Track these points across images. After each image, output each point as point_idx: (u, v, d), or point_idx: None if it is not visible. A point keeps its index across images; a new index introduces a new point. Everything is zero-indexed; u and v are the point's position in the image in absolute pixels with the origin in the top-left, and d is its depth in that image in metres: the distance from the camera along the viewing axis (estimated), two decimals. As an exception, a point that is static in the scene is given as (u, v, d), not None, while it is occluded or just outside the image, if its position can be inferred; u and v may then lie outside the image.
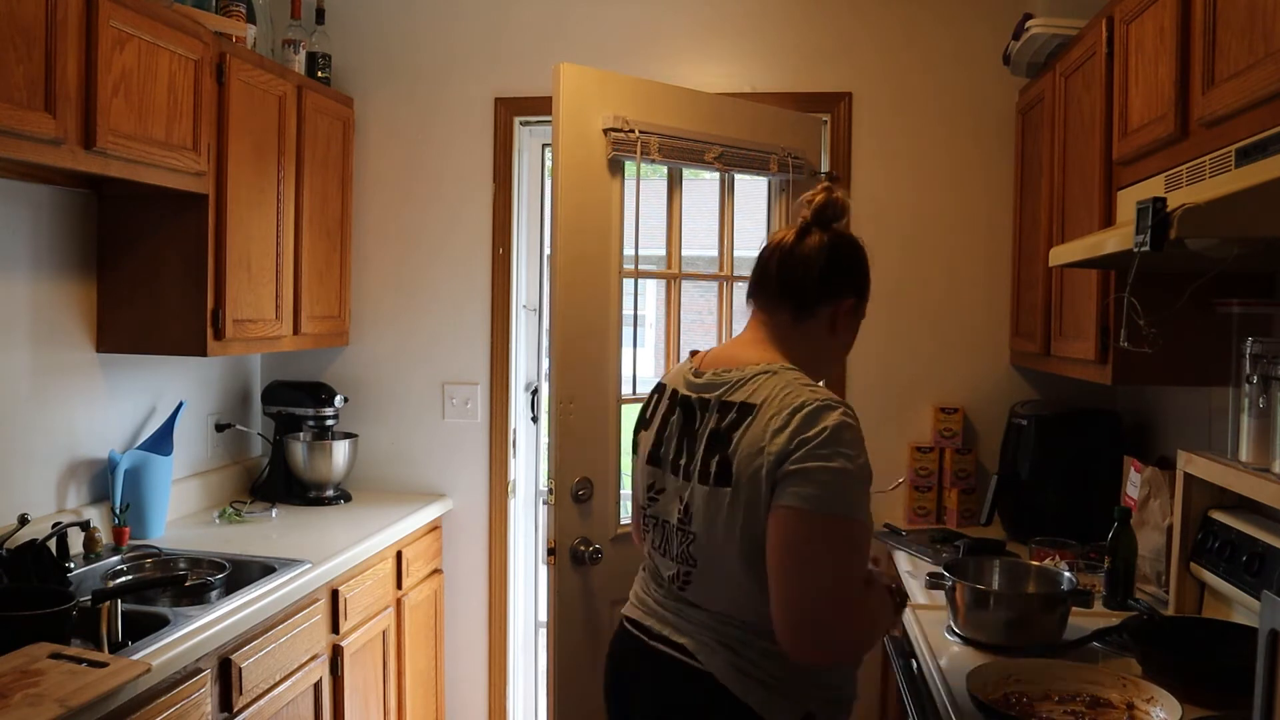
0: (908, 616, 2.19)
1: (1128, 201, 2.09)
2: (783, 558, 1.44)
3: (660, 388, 1.74)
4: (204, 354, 2.63)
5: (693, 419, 1.61)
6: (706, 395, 1.61)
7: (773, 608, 1.45)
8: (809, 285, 1.62)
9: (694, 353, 1.76)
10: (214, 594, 2.34)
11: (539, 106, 3.24)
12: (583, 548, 2.56)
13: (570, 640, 2.57)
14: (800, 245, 1.63)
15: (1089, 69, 2.37)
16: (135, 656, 1.83)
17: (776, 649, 1.49)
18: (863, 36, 3.24)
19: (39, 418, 2.49)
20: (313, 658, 2.52)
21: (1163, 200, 1.46)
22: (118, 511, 2.59)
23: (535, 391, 3.56)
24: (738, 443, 1.51)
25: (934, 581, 2.08)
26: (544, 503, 2.98)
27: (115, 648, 1.95)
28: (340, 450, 3.26)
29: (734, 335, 3.00)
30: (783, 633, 1.45)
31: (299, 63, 3.15)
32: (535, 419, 3.56)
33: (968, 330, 3.22)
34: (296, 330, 3.06)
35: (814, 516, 1.43)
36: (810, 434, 1.44)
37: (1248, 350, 1.85)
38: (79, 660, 1.73)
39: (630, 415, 2.77)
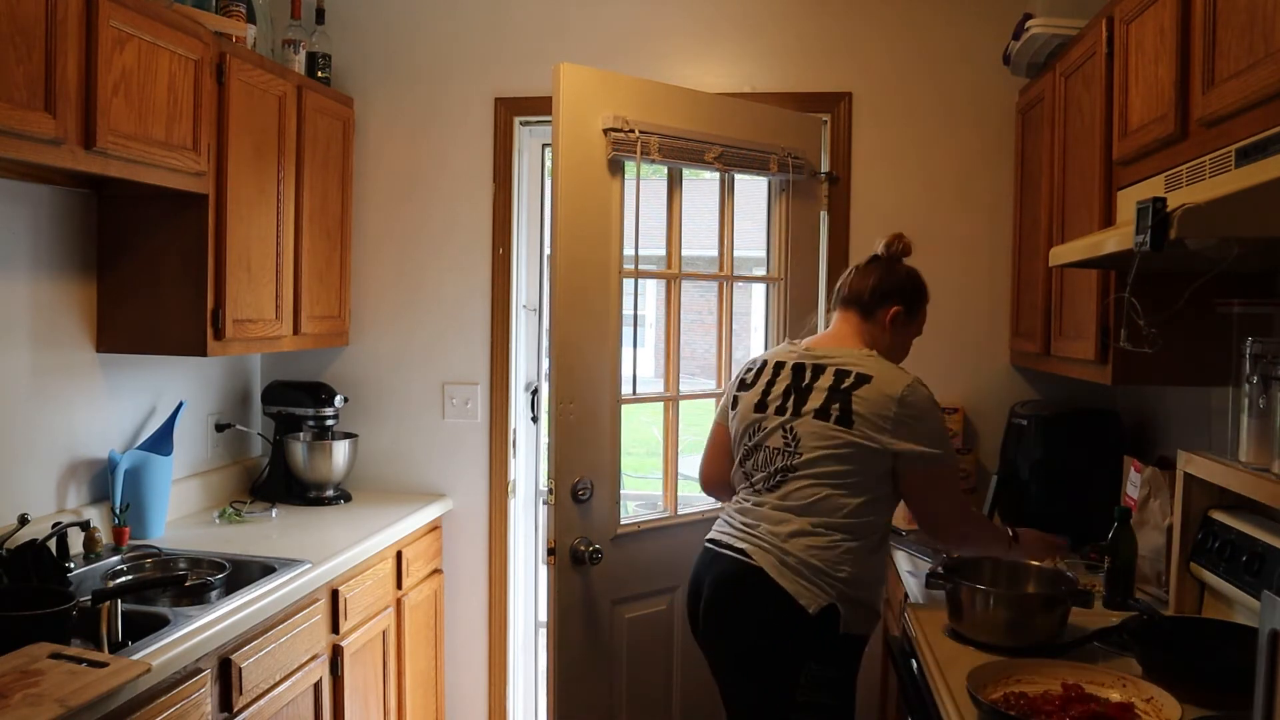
0: (908, 616, 2.20)
1: (1128, 201, 2.09)
2: (923, 492, 2.13)
3: (757, 363, 2.32)
4: (204, 354, 2.63)
5: (802, 377, 2.20)
6: (822, 362, 2.19)
7: (920, 525, 2.24)
8: (868, 296, 2.25)
9: (793, 341, 2.36)
10: (214, 594, 2.34)
11: (539, 106, 3.24)
12: (583, 548, 2.56)
13: (570, 640, 2.57)
14: (868, 266, 2.29)
15: (1089, 69, 2.37)
16: (135, 656, 1.83)
17: (821, 544, 2.07)
18: (863, 36, 3.24)
19: (39, 418, 2.49)
20: (313, 658, 2.52)
21: (1163, 200, 1.46)
22: (118, 511, 2.59)
23: (535, 391, 3.56)
24: (860, 399, 2.10)
25: (934, 581, 2.08)
26: (544, 503, 2.98)
27: (115, 648, 1.95)
28: (340, 450, 3.26)
29: (733, 333, 3.03)
30: (935, 537, 2.28)
31: (299, 63, 3.15)
32: (535, 419, 3.56)
33: (968, 330, 3.22)
34: (296, 330, 3.06)
35: (935, 472, 2.11)
36: (914, 408, 2.08)
37: (1248, 350, 1.85)
38: (79, 660, 1.73)
39: (630, 415, 2.80)
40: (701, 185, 4.42)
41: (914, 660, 2.08)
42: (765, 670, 2.11)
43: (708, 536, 2.28)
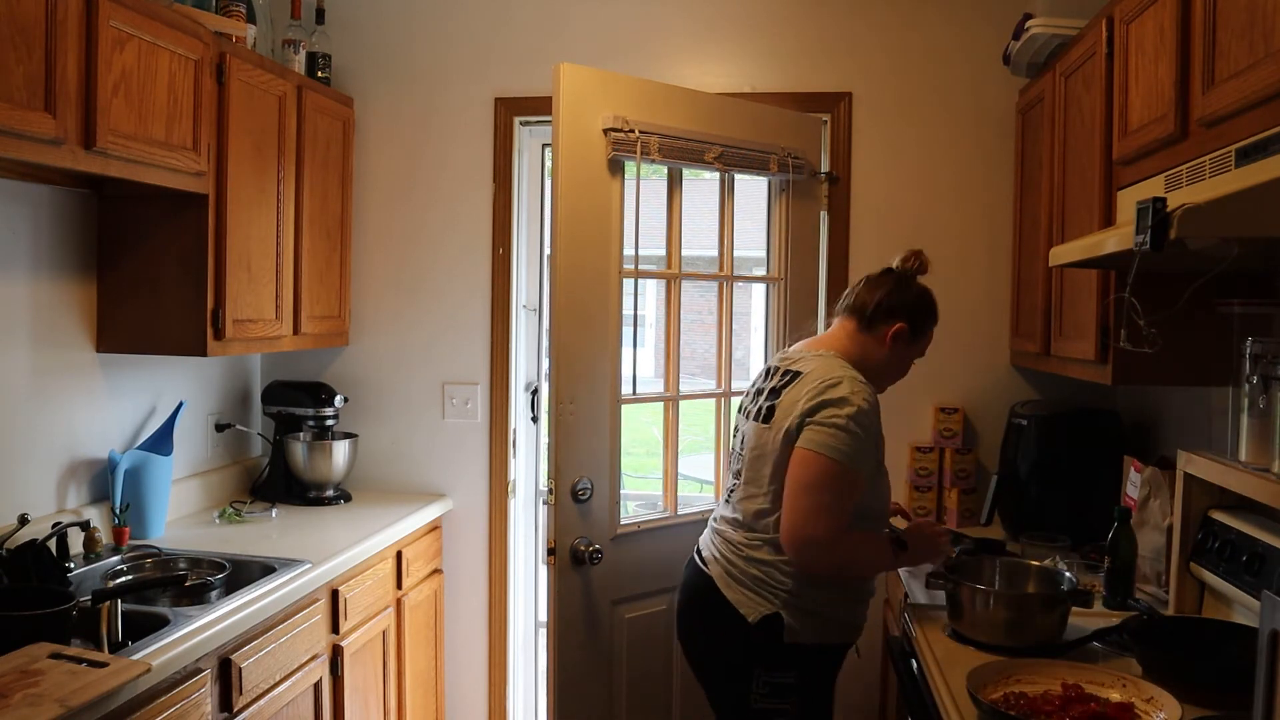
0: (908, 616, 2.19)
1: (1128, 201, 2.09)
2: (791, 483, 2.00)
3: (771, 366, 2.27)
4: (204, 354, 2.63)
5: (770, 380, 2.18)
6: (782, 365, 2.18)
7: (781, 518, 2.01)
8: (873, 309, 2.16)
9: (790, 345, 2.34)
10: (214, 594, 2.34)
11: (539, 106, 3.24)
12: (583, 548, 2.56)
13: (570, 640, 2.57)
14: (880, 278, 2.20)
15: (1089, 69, 2.37)
16: (135, 656, 1.83)
17: (758, 556, 2.08)
18: (863, 36, 3.24)
19: (39, 418, 2.49)
20: (313, 658, 2.52)
21: (1163, 200, 1.46)
22: (118, 511, 2.59)
23: (535, 391, 3.56)
24: (783, 395, 2.09)
25: (934, 581, 2.08)
26: (544, 503, 2.98)
27: (115, 648, 1.95)
28: (340, 450, 3.26)
29: (733, 333, 3.04)
30: (782, 536, 2.01)
31: (299, 63, 3.15)
32: (535, 419, 3.56)
33: (968, 330, 3.22)
34: (296, 330, 3.06)
35: (814, 456, 1.97)
36: (832, 401, 1.99)
37: (1248, 350, 1.85)
38: (79, 660, 1.73)
39: (630, 415, 2.81)
40: (701, 185, 4.42)
41: (914, 660, 2.08)
42: (720, 675, 2.18)
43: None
